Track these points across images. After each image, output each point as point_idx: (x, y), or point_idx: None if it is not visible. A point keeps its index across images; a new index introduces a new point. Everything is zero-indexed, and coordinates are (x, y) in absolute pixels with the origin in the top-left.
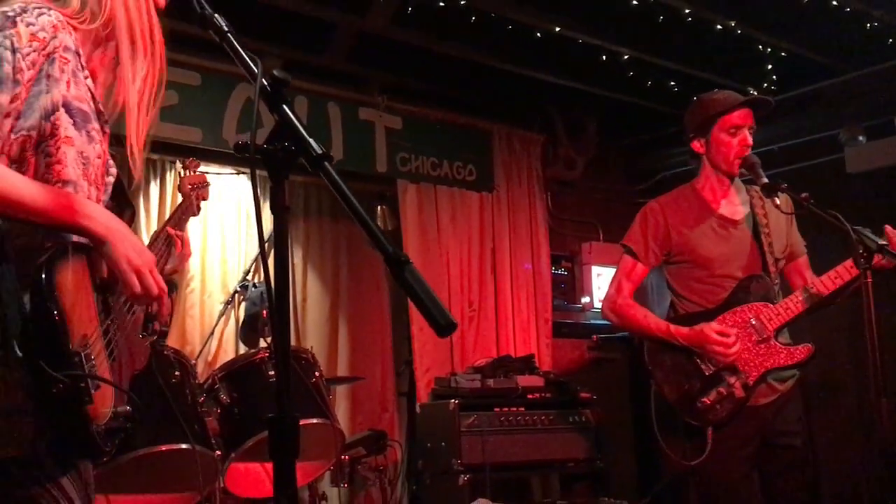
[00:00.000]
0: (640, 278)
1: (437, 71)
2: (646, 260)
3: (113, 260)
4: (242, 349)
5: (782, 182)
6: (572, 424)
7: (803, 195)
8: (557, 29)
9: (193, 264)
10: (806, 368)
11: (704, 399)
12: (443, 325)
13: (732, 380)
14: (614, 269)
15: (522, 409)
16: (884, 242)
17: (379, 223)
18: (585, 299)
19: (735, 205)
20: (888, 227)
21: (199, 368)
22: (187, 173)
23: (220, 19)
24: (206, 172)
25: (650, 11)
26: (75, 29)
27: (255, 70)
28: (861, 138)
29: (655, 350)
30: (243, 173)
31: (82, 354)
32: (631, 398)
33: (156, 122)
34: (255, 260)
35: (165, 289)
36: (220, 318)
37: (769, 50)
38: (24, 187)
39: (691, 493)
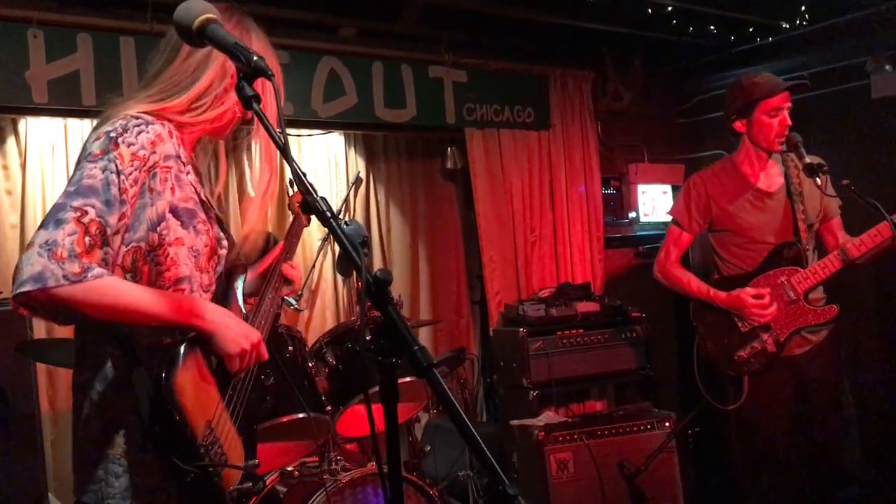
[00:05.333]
0: (686, 244)
1: (497, 26)
2: (690, 229)
3: (220, 349)
4: (339, 279)
5: (824, 164)
6: (625, 340)
7: (844, 182)
8: None
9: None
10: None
11: (741, 353)
12: None
13: (765, 336)
14: (658, 186)
15: (581, 330)
16: None
17: (449, 164)
18: (632, 214)
19: (772, 177)
20: None
21: (305, 296)
22: (295, 189)
23: (321, 203)
24: (300, 135)
25: None
26: (180, 125)
27: (360, 263)
28: (888, 67)
29: (699, 307)
30: (331, 132)
31: (207, 444)
32: (674, 301)
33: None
34: (345, 201)
35: (264, 357)
36: (318, 252)
37: None
38: (146, 298)
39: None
